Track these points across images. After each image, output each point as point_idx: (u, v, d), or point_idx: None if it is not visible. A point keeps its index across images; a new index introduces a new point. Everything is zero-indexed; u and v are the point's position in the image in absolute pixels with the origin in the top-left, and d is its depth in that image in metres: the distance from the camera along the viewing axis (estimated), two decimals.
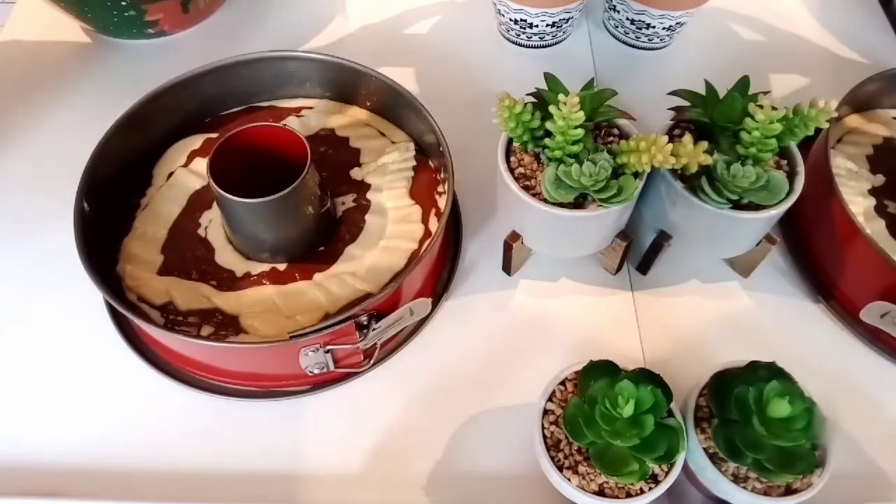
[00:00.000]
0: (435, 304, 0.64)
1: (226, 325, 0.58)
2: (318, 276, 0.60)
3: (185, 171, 0.66)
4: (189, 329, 0.57)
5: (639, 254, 0.66)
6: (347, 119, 0.70)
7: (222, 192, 0.54)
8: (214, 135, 0.68)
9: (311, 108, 0.71)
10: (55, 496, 0.55)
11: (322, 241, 0.62)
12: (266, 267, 0.61)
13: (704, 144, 0.51)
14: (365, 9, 0.88)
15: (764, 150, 0.54)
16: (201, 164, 0.66)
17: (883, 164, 0.67)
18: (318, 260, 0.61)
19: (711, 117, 0.57)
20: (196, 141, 0.68)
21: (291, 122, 0.69)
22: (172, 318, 0.58)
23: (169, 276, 0.60)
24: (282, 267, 0.61)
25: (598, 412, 0.46)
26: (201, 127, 0.69)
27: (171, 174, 0.66)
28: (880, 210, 0.64)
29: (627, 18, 0.81)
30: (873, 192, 0.65)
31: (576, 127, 0.51)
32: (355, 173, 0.66)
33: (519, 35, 0.82)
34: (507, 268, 0.66)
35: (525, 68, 0.82)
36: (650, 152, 0.50)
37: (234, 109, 0.71)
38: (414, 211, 0.64)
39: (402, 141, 0.69)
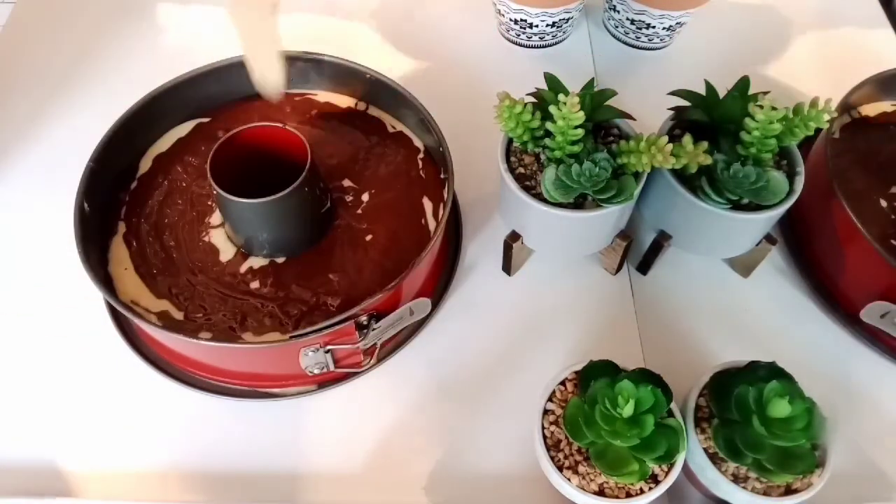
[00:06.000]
0: (435, 304, 0.64)
1: (226, 325, 0.58)
2: None
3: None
4: (188, 329, 0.57)
5: (639, 254, 0.66)
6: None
7: (222, 192, 0.54)
8: (206, 119, 0.69)
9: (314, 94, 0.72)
10: (55, 496, 0.55)
11: (321, 236, 0.62)
12: (265, 261, 0.61)
13: (704, 144, 0.52)
14: (365, 9, 0.88)
15: (764, 150, 0.54)
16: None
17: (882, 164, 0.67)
18: (316, 254, 0.61)
19: (711, 117, 0.57)
20: (185, 128, 0.68)
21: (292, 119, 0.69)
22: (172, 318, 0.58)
23: (168, 278, 0.60)
24: (280, 260, 0.61)
25: (598, 412, 0.46)
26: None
27: (155, 159, 0.66)
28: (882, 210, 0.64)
29: (627, 18, 0.81)
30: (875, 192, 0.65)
31: (576, 127, 0.52)
32: (355, 176, 0.66)
33: (519, 35, 0.82)
34: (507, 268, 0.66)
35: (525, 68, 0.82)
36: (650, 152, 0.51)
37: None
38: None
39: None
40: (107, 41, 0.84)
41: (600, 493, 0.47)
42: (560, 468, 0.48)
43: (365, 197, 0.65)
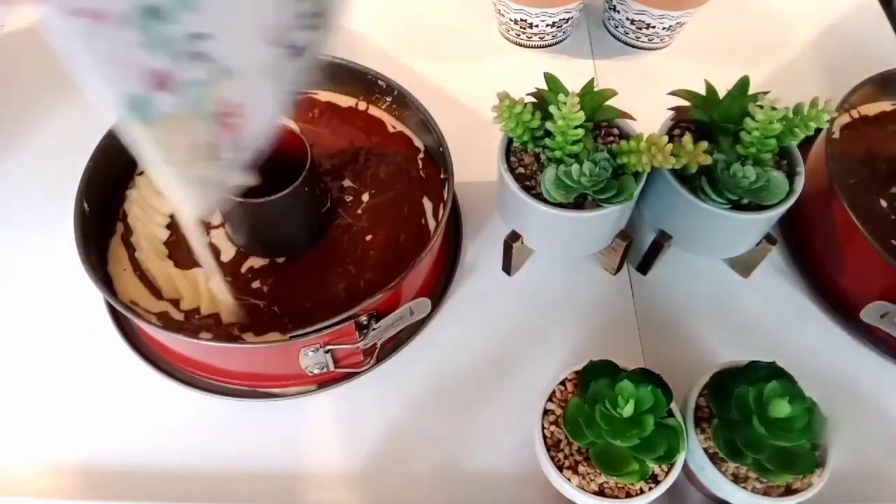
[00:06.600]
0: (435, 304, 0.64)
1: (225, 326, 0.58)
2: None
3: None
4: (188, 329, 0.57)
5: (639, 254, 0.66)
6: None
7: None
8: None
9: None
10: (54, 496, 0.55)
11: (320, 236, 0.62)
12: (265, 261, 0.61)
13: (704, 144, 0.52)
14: (365, 9, 0.88)
15: (764, 150, 0.54)
16: None
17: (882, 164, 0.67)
18: (317, 254, 0.61)
19: (711, 117, 0.57)
20: None
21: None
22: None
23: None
24: (280, 260, 0.61)
25: (598, 412, 0.46)
26: None
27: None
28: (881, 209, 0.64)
29: (627, 18, 0.81)
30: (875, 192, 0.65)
31: (576, 127, 0.52)
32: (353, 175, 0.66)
33: (519, 35, 0.82)
34: (507, 268, 0.66)
35: (525, 68, 0.82)
36: (650, 152, 0.51)
37: None
38: None
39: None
40: None
41: (600, 493, 0.47)
42: (560, 468, 0.48)
43: (365, 197, 0.65)
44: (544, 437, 0.50)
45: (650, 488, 0.47)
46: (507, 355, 0.62)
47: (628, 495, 0.47)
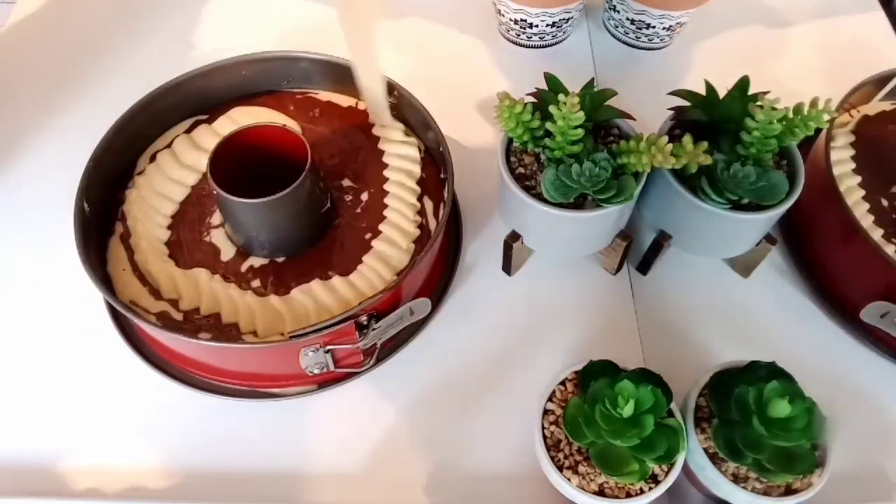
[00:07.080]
0: (435, 304, 0.64)
1: (225, 326, 0.58)
2: (314, 285, 0.59)
3: (167, 153, 0.66)
4: (188, 329, 0.57)
5: (639, 254, 0.66)
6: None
7: (222, 191, 0.54)
8: (204, 116, 0.69)
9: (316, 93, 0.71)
10: (54, 496, 0.55)
11: (320, 236, 0.62)
12: (265, 261, 0.61)
13: (704, 144, 0.52)
14: None
15: (764, 150, 0.54)
16: (183, 146, 0.66)
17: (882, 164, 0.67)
18: (316, 254, 0.61)
19: (711, 117, 0.57)
20: (183, 126, 0.68)
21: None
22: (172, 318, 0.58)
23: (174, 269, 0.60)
24: (280, 259, 0.61)
25: (598, 412, 0.46)
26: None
27: (153, 157, 0.66)
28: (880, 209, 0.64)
29: (627, 18, 0.81)
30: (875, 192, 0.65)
31: (576, 127, 0.52)
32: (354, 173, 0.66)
33: (519, 35, 0.82)
34: (507, 268, 0.66)
35: (525, 68, 0.82)
36: (650, 152, 0.51)
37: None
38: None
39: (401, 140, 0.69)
40: (106, 41, 0.84)
41: (600, 493, 0.47)
42: (560, 468, 0.48)
43: (364, 196, 0.65)
44: (544, 437, 0.50)
45: (650, 488, 0.47)
46: (507, 355, 0.62)
47: (628, 495, 0.47)
